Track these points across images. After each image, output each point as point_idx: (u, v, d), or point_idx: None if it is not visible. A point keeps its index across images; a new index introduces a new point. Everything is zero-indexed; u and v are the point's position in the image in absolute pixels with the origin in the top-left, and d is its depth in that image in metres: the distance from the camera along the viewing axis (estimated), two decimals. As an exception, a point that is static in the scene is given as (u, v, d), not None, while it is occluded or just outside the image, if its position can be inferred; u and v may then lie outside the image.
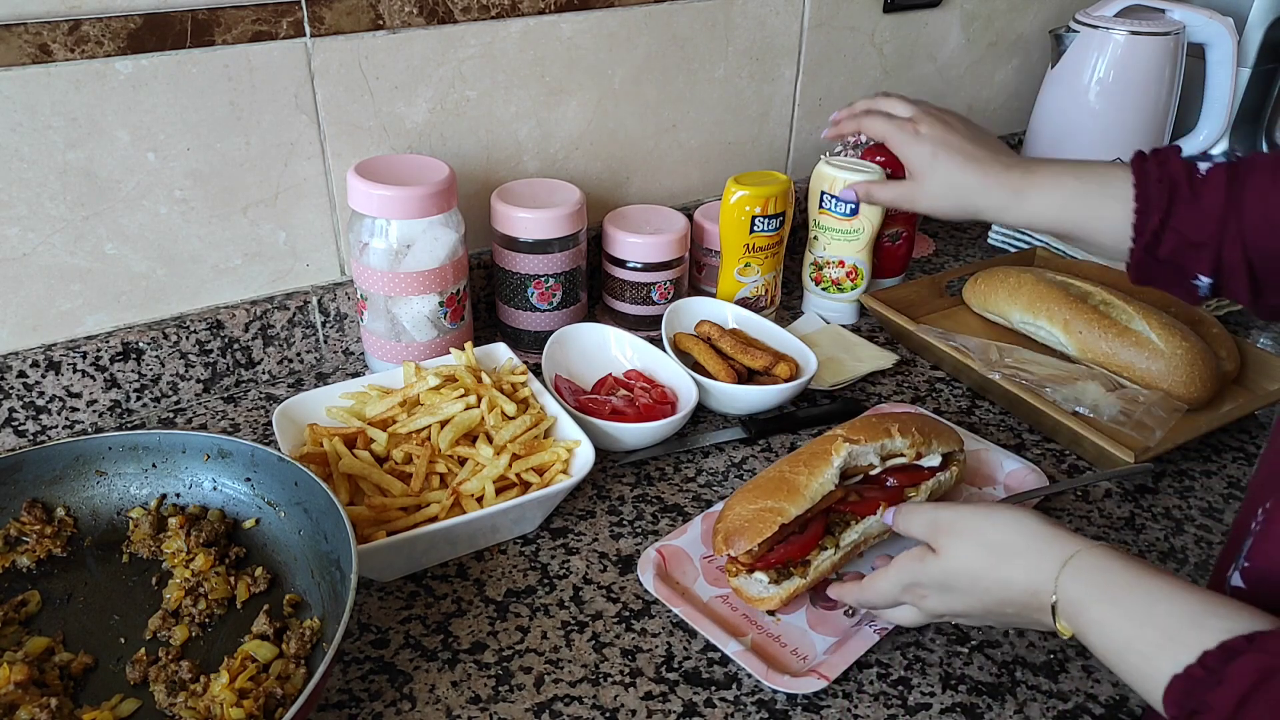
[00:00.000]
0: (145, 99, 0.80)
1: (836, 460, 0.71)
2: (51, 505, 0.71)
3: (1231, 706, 0.42)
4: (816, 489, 0.69)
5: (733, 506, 0.70)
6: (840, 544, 0.70)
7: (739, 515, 0.69)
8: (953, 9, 1.29)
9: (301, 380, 0.97)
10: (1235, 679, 0.42)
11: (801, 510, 0.68)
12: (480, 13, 0.93)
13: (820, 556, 0.70)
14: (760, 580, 0.69)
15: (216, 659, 0.63)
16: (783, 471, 0.71)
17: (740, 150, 1.19)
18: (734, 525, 0.69)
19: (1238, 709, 0.42)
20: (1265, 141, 1.35)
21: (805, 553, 0.69)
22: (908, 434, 0.74)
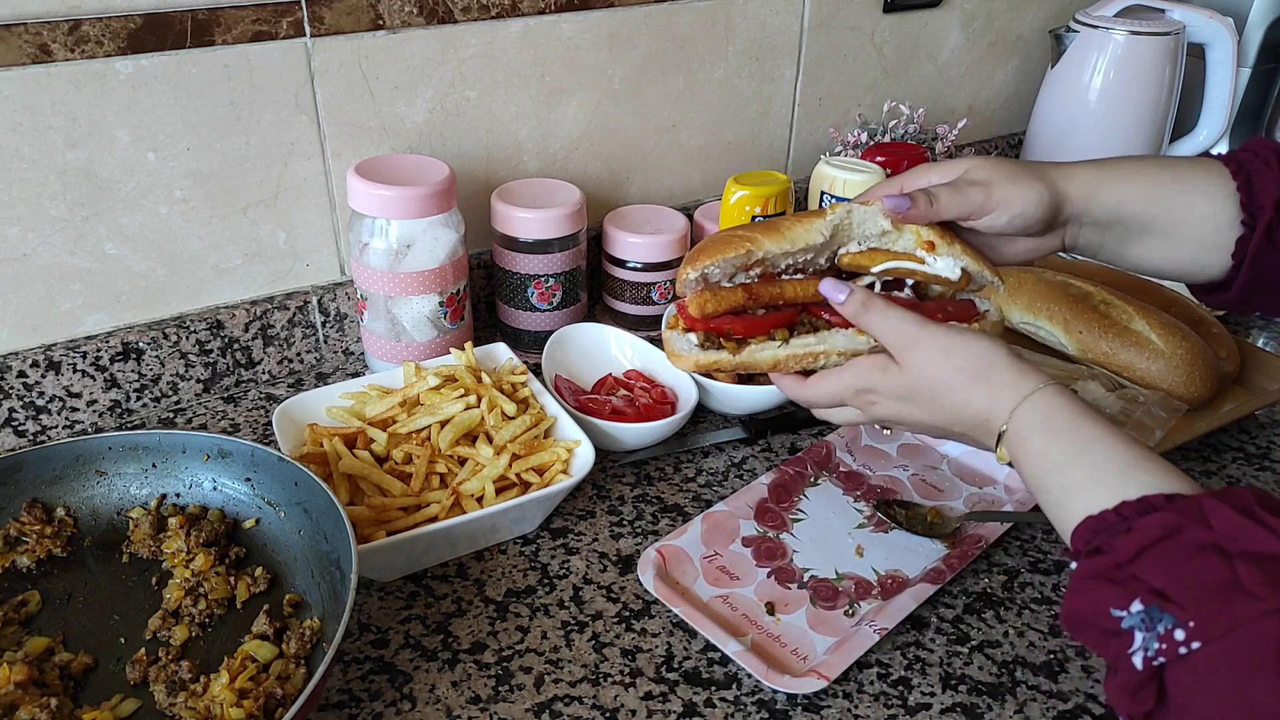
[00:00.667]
0: (145, 99, 0.80)
1: (831, 216, 0.63)
2: (51, 505, 0.71)
3: (1130, 553, 0.44)
4: (800, 234, 0.62)
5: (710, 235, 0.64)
6: (790, 340, 0.63)
7: (709, 237, 0.63)
8: (953, 9, 1.29)
9: (301, 380, 0.97)
10: (1142, 530, 0.45)
11: (779, 250, 0.61)
12: (480, 13, 0.93)
13: (762, 345, 0.63)
14: (689, 339, 0.63)
15: (216, 659, 0.63)
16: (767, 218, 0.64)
17: (740, 150, 1.19)
18: (700, 245, 0.62)
19: (1134, 557, 0.44)
20: (1265, 141, 1.34)
21: (752, 332, 0.63)
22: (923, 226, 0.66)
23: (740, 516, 0.79)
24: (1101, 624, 0.45)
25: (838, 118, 1.26)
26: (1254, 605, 0.40)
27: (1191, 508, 0.44)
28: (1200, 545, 0.43)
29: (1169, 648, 0.42)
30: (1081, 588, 0.46)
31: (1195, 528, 0.43)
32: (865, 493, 0.83)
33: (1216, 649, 0.40)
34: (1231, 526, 0.43)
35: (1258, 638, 0.40)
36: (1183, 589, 0.42)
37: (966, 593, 0.73)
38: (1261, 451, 0.90)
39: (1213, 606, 0.41)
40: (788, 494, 0.81)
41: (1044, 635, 0.70)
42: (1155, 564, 0.43)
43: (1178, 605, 0.42)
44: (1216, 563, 0.42)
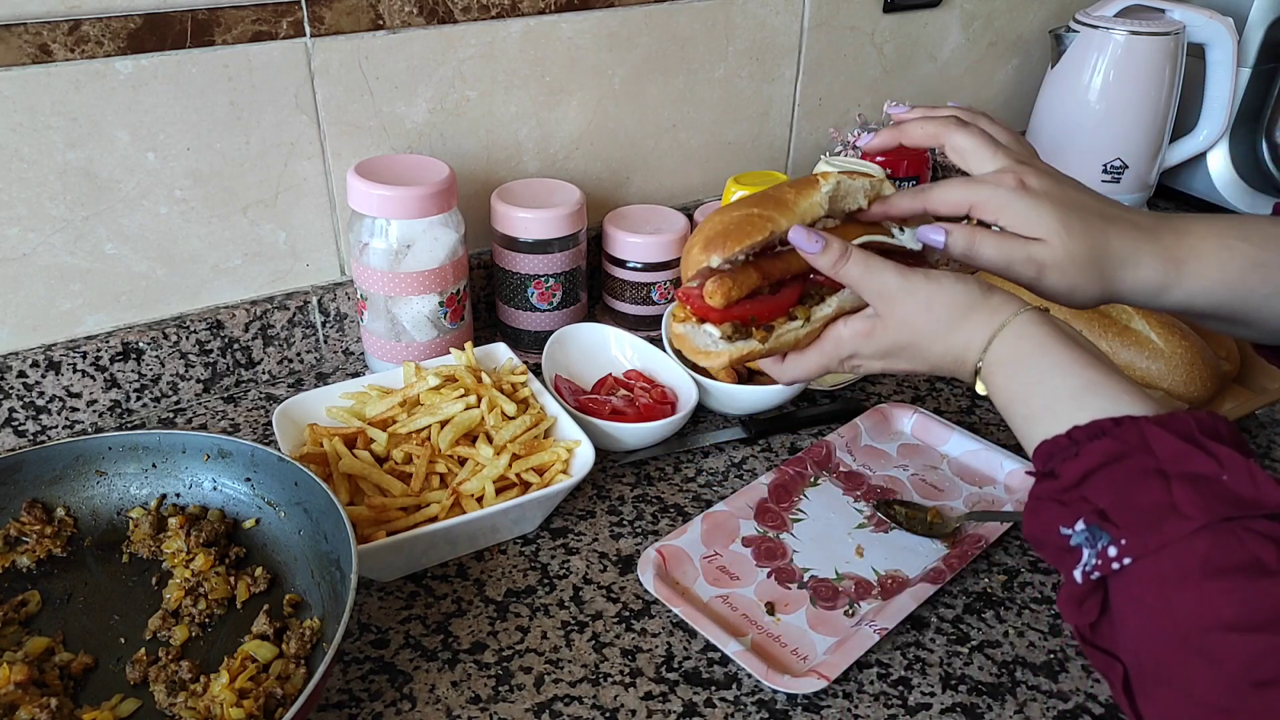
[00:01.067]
0: (145, 99, 0.80)
1: (825, 186, 0.61)
2: (51, 505, 0.71)
3: (1076, 478, 0.47)
4: (806, 208, 0.60)
5: (712, 218, 0.61)
6: (811, 317, 0.61)
7: (721, 221, 0.59)
8: (953, 9, 1.29)
9: (301, 380, 0.97)
10: (1087, 455, 0.47)
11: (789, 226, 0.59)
12: (480, 13, 0.93)
13: (786, 326, 0.61)
14: (710, 333, 0.60)
15: (216, 659, 0.63)
16: (766, 193, 0.61)
17: (740, 150, 1.19)
18: (716, 230, 0.59)
19: (1080, 480, 0.46)
20: (1265, 142, 1.35)
21: (774, 315, 0.60)
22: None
23: (740, 516, 0.79)
24: (1054, 541, 0.47)
25: (838, 118, 1.26)
26: (1183, 524, 0.42)
27: (1134, 433, 0.46)
28: (1142, 470, 0.45)
29: (1103, 563, 0.44)
30: (1035, 508, 0.49)
31: (1138, 453, 0.45)
32: (865, 493, 0.83)
33: (1147, 564, 0.43)
34: (1171, 451, 0.44)
35: (1184, 554, 0.42)
36: (1121, 510, 0.44)
37: (966, 593, 0.73)
38: (1262, 451, 0.90)
39: (1145, 526, 0.43)
40: (788, 494, 0.81)
41: (1044, 635, 0.70)
42: (1099, 487, 0.46)
43: (1114, 525, 0.44)
44: (1156, 485, 0.44)
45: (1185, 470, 0.44)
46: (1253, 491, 0.43)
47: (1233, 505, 0.42)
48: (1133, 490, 0.44)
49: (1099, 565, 0.44)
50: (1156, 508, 0.43)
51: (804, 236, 0.59)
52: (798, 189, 0.61)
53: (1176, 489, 0.43)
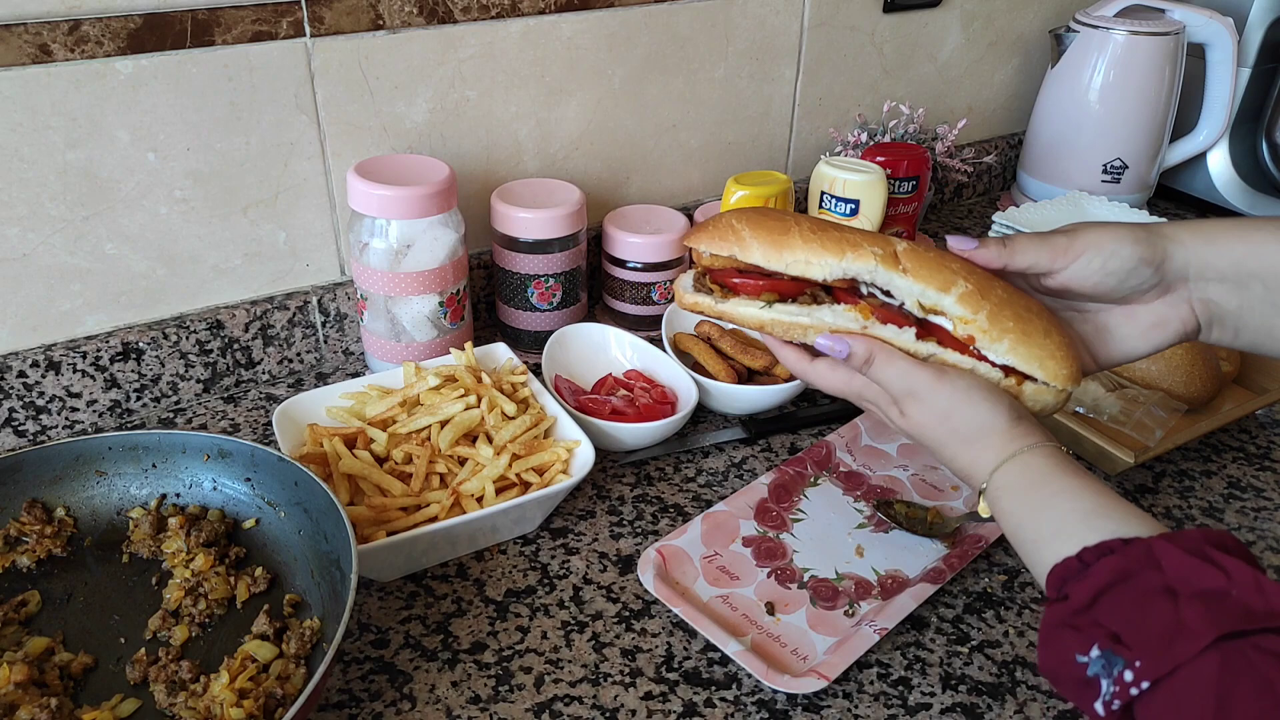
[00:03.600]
0: (145, 99, 0.80)
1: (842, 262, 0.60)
2: (51, 505, 0.71)
3: (1088, 599, 0.46)
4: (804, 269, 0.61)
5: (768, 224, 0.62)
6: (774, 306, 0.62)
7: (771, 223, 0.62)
8: (953, 9, 1.29)
9: (301, 380, 0.97)
10: (1096, 574, 0.47)
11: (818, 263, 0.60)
12: (480, 13, 0.93)
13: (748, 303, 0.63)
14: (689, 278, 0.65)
15: (216, 659, 0.63)
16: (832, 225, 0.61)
17: (740, 150, 1.19)
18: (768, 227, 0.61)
19: (1092, 602, 0.46)
20: (1265, 141, 1.35)
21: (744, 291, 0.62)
22: (969, 302, 0.59)
23: (740, 516, 0.79)
24: (1071, 673, 0.46)
25: (838, 118, 1.26)
26: (1192, 644, 0.41)
27: (1142, 551, 0.46)
28: (1151, 589, 0.44)
29: (1121, 690, 0.43)
30: (1049, 637, 0.48)
31: (1147, 571, 0.45)
32: (865, 493, 0.83)
33: (1163, 690, 0.42)
34: (1181, 567, 0.44)
35: (1196, 678, 0.41)
36: (1133, 631, 0.43)
37: (966, 593, 0.73)
38: (1262, 451, 0.90)
39: (1157, 647, 0.42)
40: (788, 494, 0.81)
41: (1044, 635, 0.70)
42: (1110, 608, 0.45)
43: (1127, 647, 0.43)
44: (1165, 604, 0.43)
45: (1193, 587, 0.43)
46: (1261, 603, 0.42)
47: (1241, 619, 0.41)
48: (1143, 610, 0.44)
49: (1118, 693, 0.43)
50: (1166, 627, 0.42)
51: (830, 343, 0.61)
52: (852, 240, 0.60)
53: (1185, 607, 0.43)
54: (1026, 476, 0.55)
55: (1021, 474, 0.55)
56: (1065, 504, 0.52)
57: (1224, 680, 0.40)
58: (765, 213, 0.64)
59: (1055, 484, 0.53)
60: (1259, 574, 0.43)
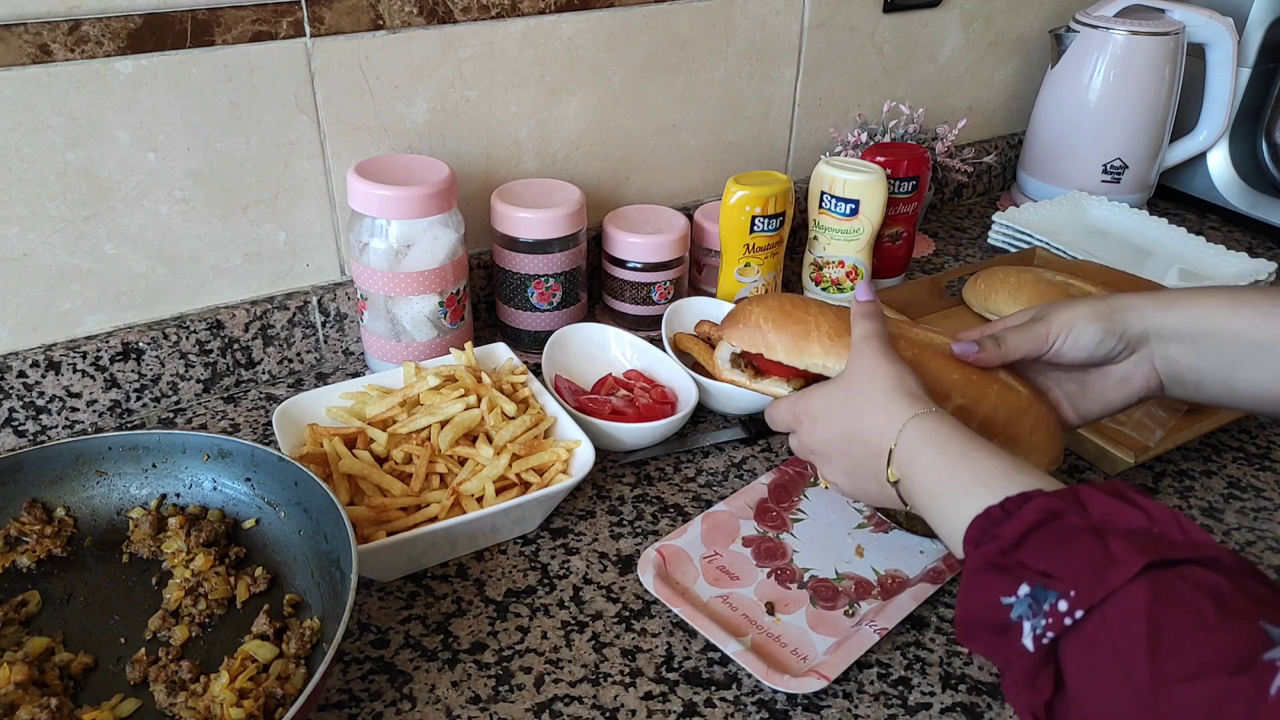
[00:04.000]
0: (145, 99, 0.80)
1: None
2: (51, 505, 0.71)
3: (1015, 538, 0.47)
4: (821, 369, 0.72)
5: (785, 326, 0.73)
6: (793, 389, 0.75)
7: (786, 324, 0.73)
8: (953, 9, 1.29)
9: (301, 380, 0.97)
10: (1024, 516, 0.47)
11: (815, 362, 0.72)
12: (480, 13, 0.93)
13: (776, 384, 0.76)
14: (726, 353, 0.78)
15: (216, 659, 0.63)
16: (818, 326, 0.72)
17: (740, 150, 1.19)
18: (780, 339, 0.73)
19: (1018, 542, 0.47)
20: (1265, 141, 1.35)
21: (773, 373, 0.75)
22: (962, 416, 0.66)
23: (740, 516, 0.79)
24: (993, 619, 0.47)
25: (838, 118, 1.26)
26: (1123, 571, 0.42)
27: (1068, 495, 0.48)
28: (1077, 528, 0.46)
29: (1055, 621, 0.43)
30: (971, 584, 0.49)
31: (1072, 512, 0.47)
32: (865, 493, 0.83)
33: (1095, 618, 0.42)
34: (1105, 509, 0.46)
35: (1128, 603, 0.41)
36: (1063, 566, 0.44)
37: (966, 593, 0.73)
38: (1262, 451, 0.90)
39: (1089, 577, 0.43)
40: (788, 494, 0.81)
41: (1044, 635, 0.70)
42: (1038, 547, 0.46)
43: (1059, 580, 0.44)
44: (1093, 541, 0.44)
45: (1118, 526, 0.45)
46: (1183, 537, 0.44)
47: (1166, 550, 0.43)
48: (1071, 547, 0.45)
49: (1050, 624, 0.43)
50: (1095, 560, 0.43)
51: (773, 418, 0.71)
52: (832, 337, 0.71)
53: (1111, 542, 0.44)
54: (941, 433, 0.57)
55: (936, 429, 0.57)
56: (983, 460, 0.54)
57: (1154, 606, 0.41)
58: (789, 313, 0.72)
59: (969, 443, 0.56)
60: (1177, 513, 0.46)
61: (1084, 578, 0.43)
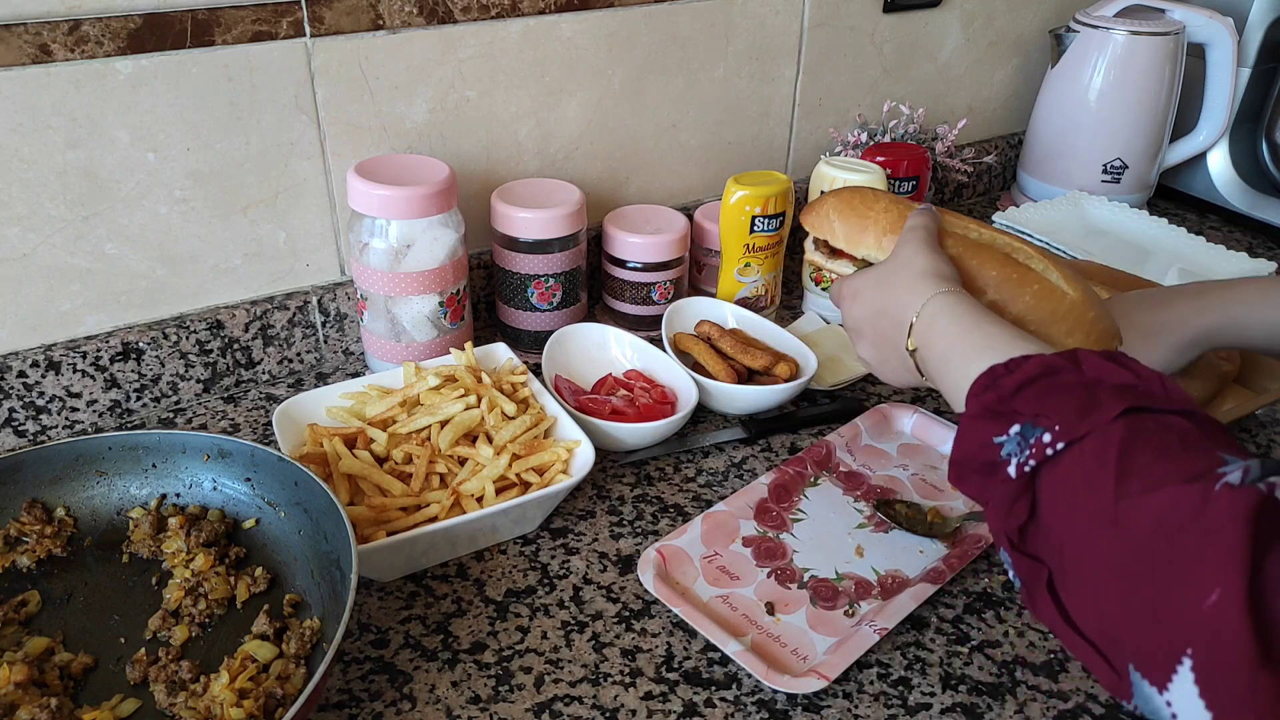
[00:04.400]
0: (145, 99, 0.80)
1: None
2: (51, 505, 0.71)
3: (1012, 389, 0.51)
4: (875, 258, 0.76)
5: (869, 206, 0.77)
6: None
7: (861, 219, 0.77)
8: (953, 9, 1.29)
9: (301, 380, 0.97)
10: (1023, 370, 0.51)
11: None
12: (480, 13, 0.93)
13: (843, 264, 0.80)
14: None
15: (216, 659, 0.63)
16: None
17: (740, 150, 1.19)
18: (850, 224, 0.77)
19: (1015, 392, 0.50)
20: (1265, 142, 1.35)
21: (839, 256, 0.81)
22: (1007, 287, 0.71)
23: (740, 516, 0.79)
24: (984, 457, 0.51)
25: (838, 118, 1.26)
26: (1106, 413, 0.46)
27: (1067, 355, 0.51)
28: (1072, 383, 0.49)
29: (1038, 451, 0.48)
30: (968, 428, 0.53)
31: (1069, 370, 0.50)
32: (865, 493, 0.83)
33: (1074, 450, 0.46)
34: (1099, 369, 0.50)
35: (1104, 437, 0.45)
36: (1052, 409, 0.48)
37: (966, 593, 0.73)
38: (1262, 451, 0.90)
39: (1075, 417, 0.47)
40: (788, 494, 0.81)
41: (1044, 635, 0.70)
42: (1033, 396, 0.50)
43: (1047, 418, 0.48)
44: (1082, 391, 0.48)
45: (1109, 381, 0.49)
46: (1164, 393, 0.48)
47: (1147, 400, 0.47)
48: (1063, 395, 0.49)
49: (1033, 453, 0.48)
50: (1082, 405, 0.48)
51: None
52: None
53: (1099, 392, 0.48)
54: (958, 307, 0.61)
55: (954, 305, 0.61)
56: (993, 329, 0.58)
57: (1126, 439, 0.45)
58: (855, 206, 0.77)
59: (982, 316, 0.60)
60: (1163, 375, 0.49)
61: (1070, 417, 0.47)
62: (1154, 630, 0.40)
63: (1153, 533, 0.41)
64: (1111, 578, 0.42)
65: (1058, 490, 0.47)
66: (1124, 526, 0.42)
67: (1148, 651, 0.40)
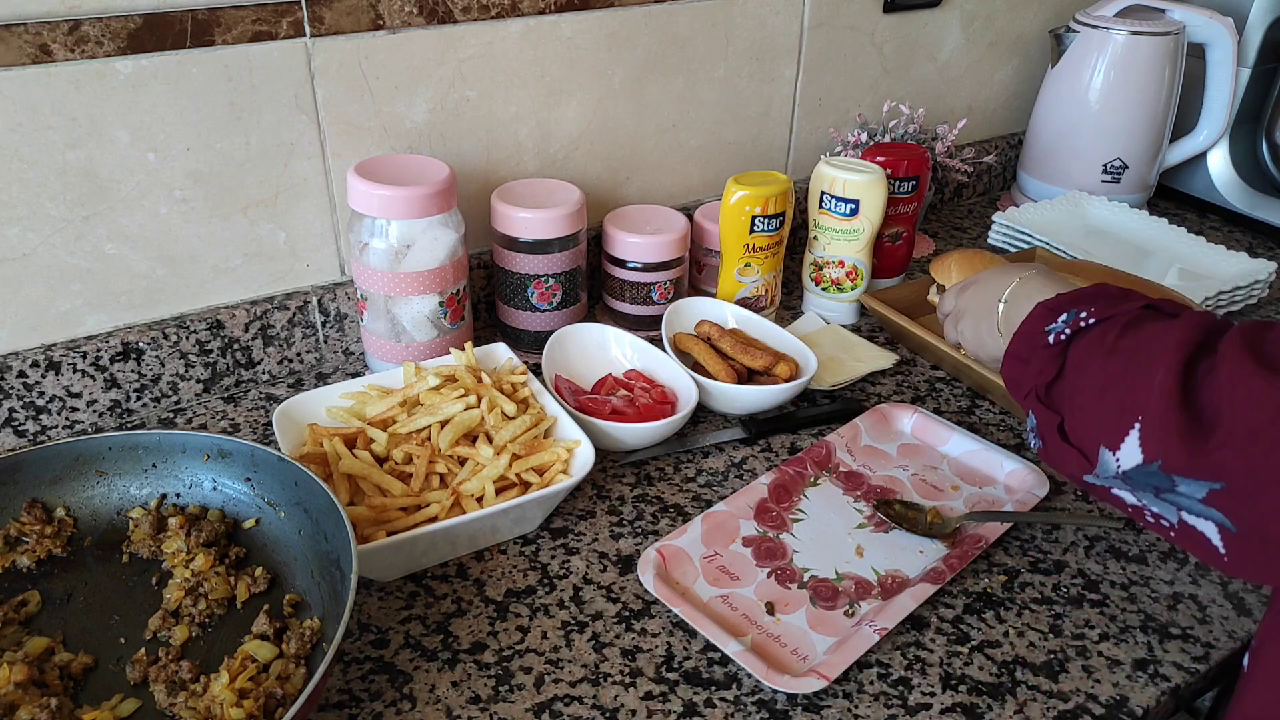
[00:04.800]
0: (145, 99, 0.80)
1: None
2: (51, 505, 0.71)
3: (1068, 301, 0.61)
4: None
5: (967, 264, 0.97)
6: None
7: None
8: (953, 9, 1.29)
9: (301, 380, 0.97)
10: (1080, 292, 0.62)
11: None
12: (480, 13, 0.93)
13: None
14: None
15: (216, 659, 0.63)
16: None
17: (740, 150, 1.19)
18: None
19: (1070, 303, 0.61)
20: (1265, 142, 1.35)
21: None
22: None
23: (740, 516, 0.79)
24: (1034, 344, 0.61)
25: (838, 118, 1.26)
26: (1133, 303, 0.59)
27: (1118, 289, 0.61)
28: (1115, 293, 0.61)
29: (1074, 323, 0.59)
30: (1026, 327, 0.63)
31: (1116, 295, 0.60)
32: (865, 493, 0.83)
33: (1098, 327, 0.58)
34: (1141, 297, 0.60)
35: (1118, 318, 0.58)
36: (1094, 303, 0.60)
37: (966, 593, 0.73)
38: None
39: (1109, 306, 0.59)
40: (788, 494, 0.81)
41: (1044, 635, 0.70)
42: (1083, 300, 0.61)
43: (1087, 305, 0.60)
44: (1120, 296, 0.60)
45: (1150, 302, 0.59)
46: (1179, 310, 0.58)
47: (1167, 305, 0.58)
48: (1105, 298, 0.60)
49: (1069, 323, 0.59)
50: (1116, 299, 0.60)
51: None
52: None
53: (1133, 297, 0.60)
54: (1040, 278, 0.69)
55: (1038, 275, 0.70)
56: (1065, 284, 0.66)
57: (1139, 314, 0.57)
58: (973, 262, 0.96)
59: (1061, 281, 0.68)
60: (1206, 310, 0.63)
61: (1103, 306, 0.59)
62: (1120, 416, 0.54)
63: (1133, 350, 0.55)
64: (1100, 391, 0.56)
65: (1082, 351, 0.58)
66: (1116, 352, 0.56)
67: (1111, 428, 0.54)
